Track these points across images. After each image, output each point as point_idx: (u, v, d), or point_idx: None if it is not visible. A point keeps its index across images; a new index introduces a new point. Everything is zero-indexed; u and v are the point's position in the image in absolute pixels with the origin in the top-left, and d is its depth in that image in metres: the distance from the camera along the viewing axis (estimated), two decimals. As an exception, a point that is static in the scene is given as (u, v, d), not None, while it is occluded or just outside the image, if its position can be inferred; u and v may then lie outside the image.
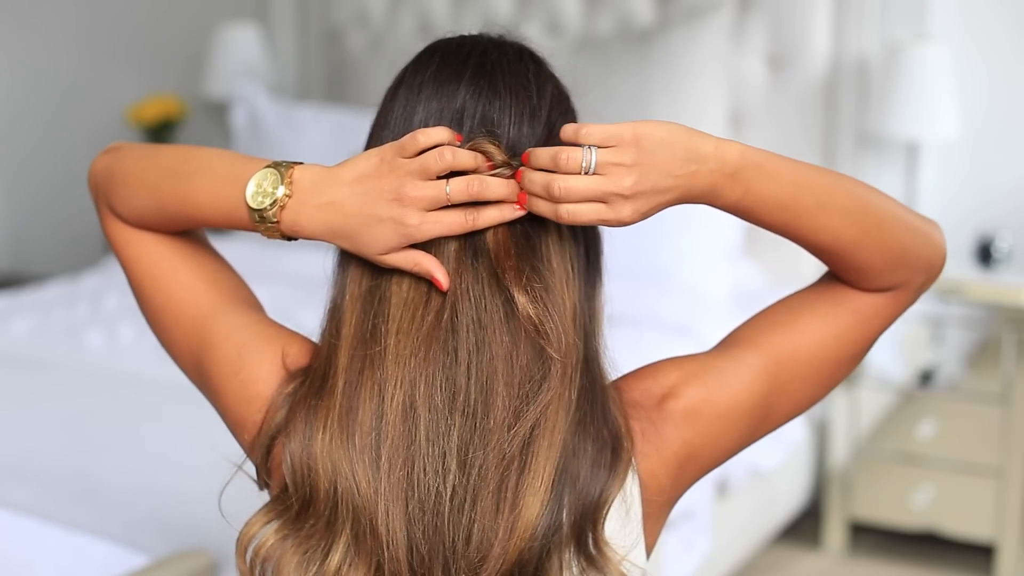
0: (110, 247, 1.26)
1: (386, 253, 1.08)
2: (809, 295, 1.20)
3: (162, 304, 1.23)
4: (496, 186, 1.07)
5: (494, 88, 1.11)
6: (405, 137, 1.07)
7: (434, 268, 1.08)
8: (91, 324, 3.10)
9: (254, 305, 1.24)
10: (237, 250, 3.59)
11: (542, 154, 1.06)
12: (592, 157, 1.04)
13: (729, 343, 1.20)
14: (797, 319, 1.18)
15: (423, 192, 1.06)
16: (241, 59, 4.22)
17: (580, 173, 1.04)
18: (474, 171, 1.08)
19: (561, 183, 1.04)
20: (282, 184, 1.10)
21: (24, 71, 4.50)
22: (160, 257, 1.22)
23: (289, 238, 1.12)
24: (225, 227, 1.17)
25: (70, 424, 2.51)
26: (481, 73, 1.12)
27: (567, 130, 1.06)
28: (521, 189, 1.08)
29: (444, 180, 1.06)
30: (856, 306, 1.18)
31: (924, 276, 1.18)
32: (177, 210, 1.18)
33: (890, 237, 1.13)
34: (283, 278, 3.29)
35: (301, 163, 1.12)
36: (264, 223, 1.11)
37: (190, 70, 4.55)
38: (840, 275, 1.17)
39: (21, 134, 4.57)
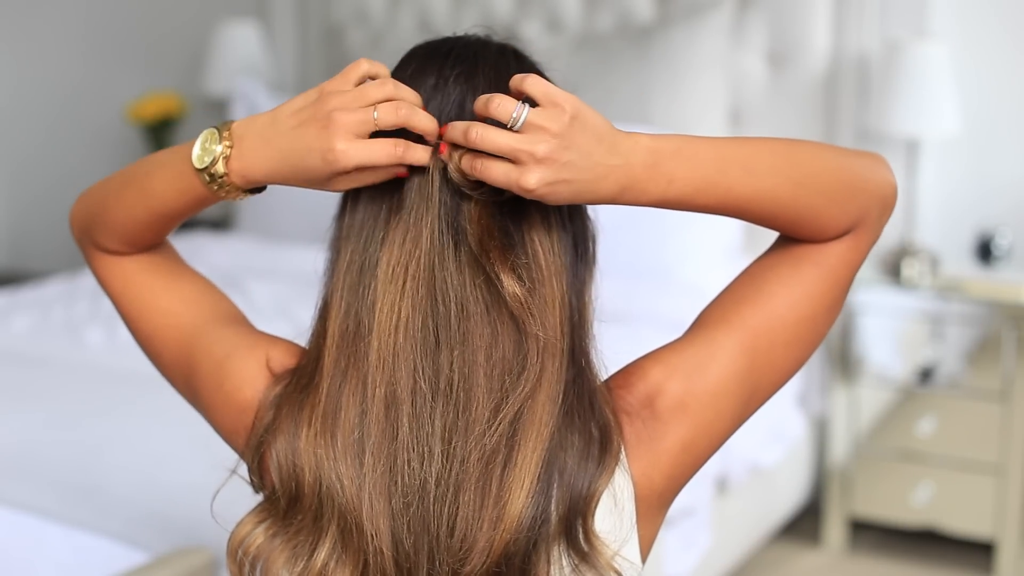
0: (101, 288, 1.31)
1: (328, 181, 1.07)
2: (768, 261, 1.19)
3: (150, 332, 1.26)
4: (425, 117, 1.07)
5: (473, 81, 1.11)
6: (348, 66, 1.08)
7: (398, 158, 1.06)
8: (91, 322, 3.10)
9: (236, 318, 1.26)
10: (237, 248, 3.60)
11: (478, 101, 1.05)
12: (524, 113, 1.02)
13: (700, 326, 1.18)
14: (762, 287, 1.17)
15: (353, 116, 1.04)
16: (241, 56, 4.22)
17: (507, 124, 1.03)
18: (422, 109, 1.07)
19: (479, 130, 1.03)
20: (220, 140, 1.10)
21: (24, 69, 4.50)
22: (141, 287, 1.26)
23: (250, 191, 1.12)
24: (189, 209, 1.17)
25: (70, 421, 2.51)
26: (461, 66, 1.12)
27: (514, 79, 1.05)
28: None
29: (373, 107, 1.05)
30: (817, 259, 1.17)
31: (878, 208, 1.18)
32: (143, 211, 1.19)
33: (826, 181, 1.13)
34: (282, 276, 3.29)
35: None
36: (215, 182, 1.11)
37: (190, 67, 4.55)
38: (794, 235, 1.16)
39: (22, 132, 4.57)
